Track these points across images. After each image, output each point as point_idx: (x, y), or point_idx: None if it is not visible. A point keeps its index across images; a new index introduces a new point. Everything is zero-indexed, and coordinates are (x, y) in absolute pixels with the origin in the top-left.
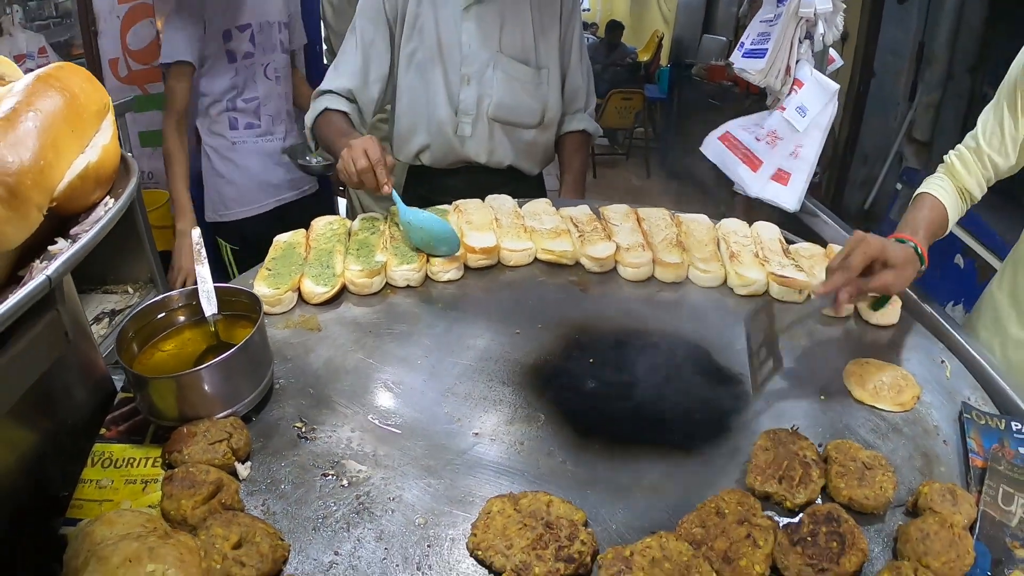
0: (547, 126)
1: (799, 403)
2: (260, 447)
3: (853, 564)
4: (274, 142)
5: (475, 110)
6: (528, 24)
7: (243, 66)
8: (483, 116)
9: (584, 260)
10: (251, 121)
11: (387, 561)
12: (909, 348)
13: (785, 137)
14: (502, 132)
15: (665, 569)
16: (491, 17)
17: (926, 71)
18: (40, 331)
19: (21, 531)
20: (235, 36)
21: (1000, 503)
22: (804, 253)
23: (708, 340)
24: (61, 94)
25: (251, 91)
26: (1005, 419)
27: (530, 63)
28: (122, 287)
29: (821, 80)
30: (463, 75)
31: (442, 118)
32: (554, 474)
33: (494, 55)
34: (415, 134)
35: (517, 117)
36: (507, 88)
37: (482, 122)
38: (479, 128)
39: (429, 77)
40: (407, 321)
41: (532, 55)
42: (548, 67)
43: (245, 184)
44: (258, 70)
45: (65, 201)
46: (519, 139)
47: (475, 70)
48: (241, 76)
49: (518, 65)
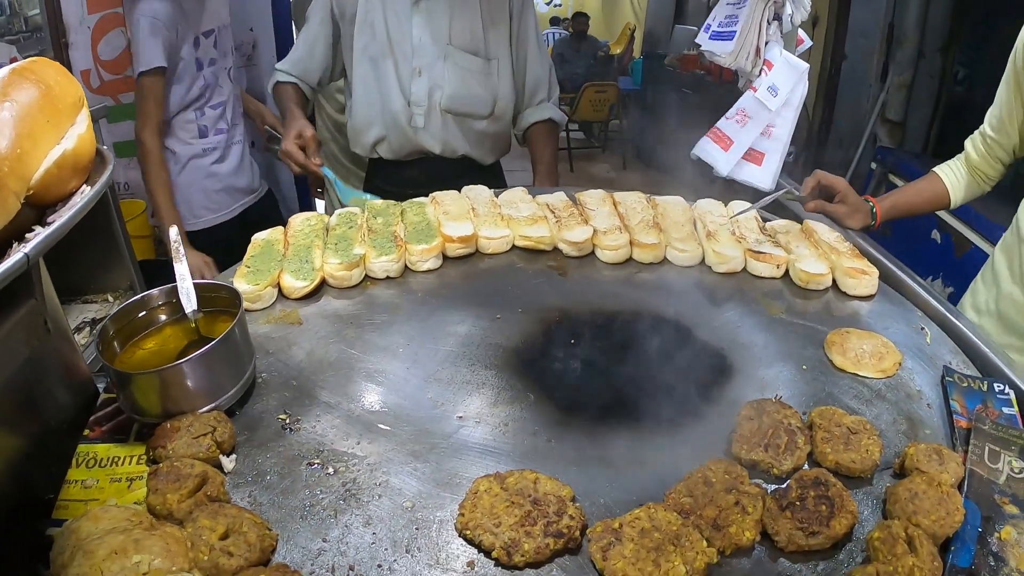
0: (498, 116)
1: (781, 374)
2: (245, 440)
3: (843, 526)
4: (239, 143)
5: (427, 102)
6: (477, 16)
7: (210, 72)
8: (435, 107)
9: (562, 245)
10: (220, 126)
11: (376, 546)
12: (888, 317)
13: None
14: (454, 123)
15: (655, 539)
16: (440, 9)
17: (897, 52)
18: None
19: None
20: (202, 43)
21: (987, 461)
22: (781, 229)
23: (688, 317)
24: (36, 86)
25: (218, 96)
26: (987, 381)
27: (479, 54)
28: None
29: (791, 60)
30: (414, 67)
31: (396, 110)
32: (540, 453)
33: (444, 47)
34: (371, 127)
35: (469, 108)
36: (459, 79)
37: (435, 113)
38: (432, 119)
39: (381, 70)
40: (388, 311)
41: (482, 46)
42: (498, 58)
43: (216, 190)
44: (222, 74)
45: (42, 189)
46: (471, 129)
47: (426, 62)
48: (209, 82)
49: (468, 56)
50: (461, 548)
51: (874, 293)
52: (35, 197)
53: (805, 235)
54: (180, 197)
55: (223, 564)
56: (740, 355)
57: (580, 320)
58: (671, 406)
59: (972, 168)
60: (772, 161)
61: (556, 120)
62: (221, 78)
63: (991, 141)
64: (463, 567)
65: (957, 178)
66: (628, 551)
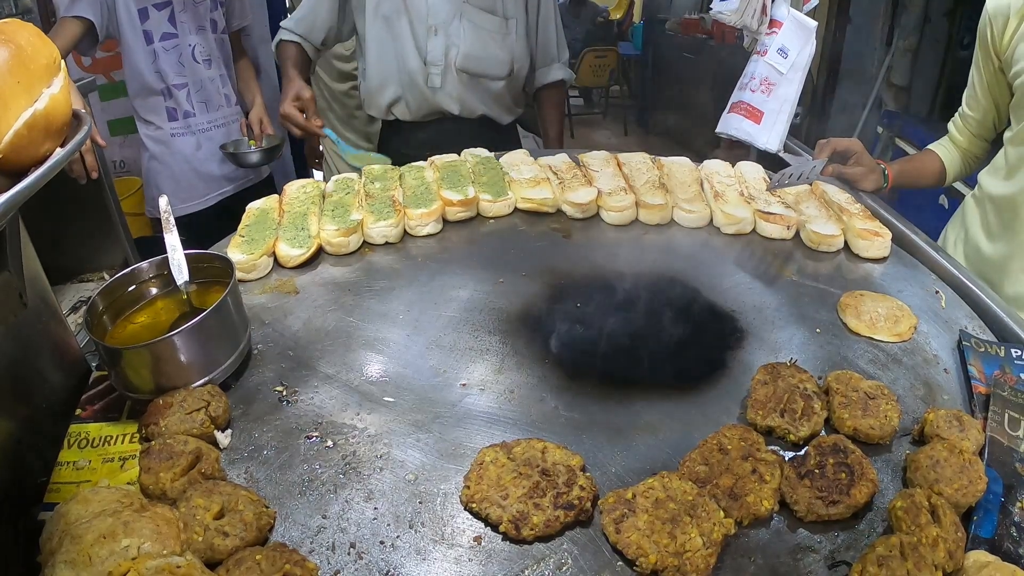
0: (515, 77)
1: (794, 337)
2: (240, 414)
3: (864, 495)
4: (212, 131)
5: (443, 60)
6: None
7: (162, 48)
8: (451, 67)
9: (566, 207)
10: (187, 110)
11: (377, 521)
12: (901, 280)
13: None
14: (470, 82)
15: (670, 509)
16: None
17: (902, 16)
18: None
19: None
20: (151, 15)
21: (1007, 428)
22: (789, 191)
23: (697, 279)
24: (6, 46)
25: (178, 76)
26: (1004, 346)
27: (496, 12)
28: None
29: (799, 19)
30: (430, 26)
31: (412, 69)
32: (547, 421)
33: (461, 5)
34: (386, 87)
35: (484, 68)
36: (475, 38)
37: (451, 72)
38: (448, 78)
39: (396, 29)
40: (387, 277)
41: (499, 4)
42: (516, 17)
43: (185, 177)
44: (184, 52)
45: (12, 152)
46: (487, 89)
47: (442, 20)
48: (164, 60)
49: (485, 15)
50: (467, 522)
51: (887, 255)
52: (6, 162)
53: (815, 196)
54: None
55: (218, 545)
56: (752, 318)
57: (586, 284)
58: (682, 370)
59: (960, 149)
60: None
61: (566, 80)
62: (183, 56)
63: (970, 120)
64: (469, 542)
65: (951, 157)
66: (642, 523)
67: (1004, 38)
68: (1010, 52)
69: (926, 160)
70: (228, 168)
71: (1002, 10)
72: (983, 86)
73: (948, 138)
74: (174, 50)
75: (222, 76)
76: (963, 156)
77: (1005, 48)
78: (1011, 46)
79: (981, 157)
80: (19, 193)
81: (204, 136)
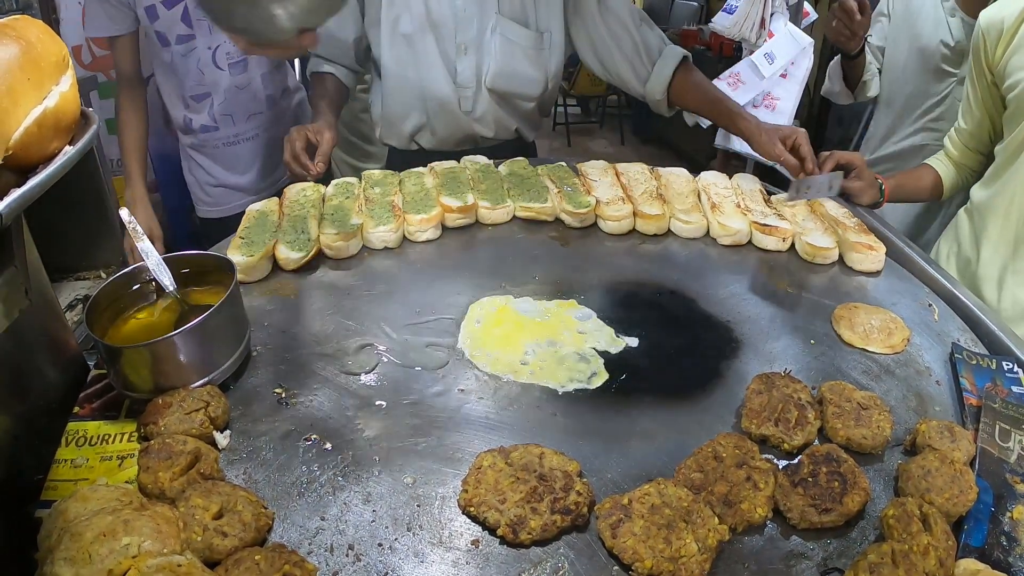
0: (549, 94)
1: (789, 348)
2: (239, 415)
3: (856, 503)
4: (239, 145)
5: (474, 82)
6: None
7: (179, 52)
8: (482, 87)
9: (564, 215)
10: (205, 124)
11: (376, 524)
12: (895, 293)
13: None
14: (500, 102)
15: (665, 515)
16: None
17: None
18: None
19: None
20: (161, 13)
21: (997, 440)
22: (786, 203)
23: (693, 289)
24: (17, 43)
25: (195, 81)
26: (996, 359)
27: (530, 25)
28: (95, 273)
29: (794, 32)
30: (459, 44)
31: (442, 94)
32: (545, 427)
33: (494, 16)
34: (409, 115)
35: (515, 87)
36: (506, 54)
37: (482, 93)
38: (479, 101)
39: (420, 49)
40: (386, 282)
41: (532, 15)
42: (551, 31)
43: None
44: (202, 57)
45: (22, 149)
46: (518, 108)
47: (472, 36)
48: (182, 63)
49: (518, 27)
50: (465, 525)
51: (880, 269)
52: (15, 159)
53: (811, 208)
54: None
55: (217, 544)
56: (747, 328)
57: (583, 292)
58: (678, 379)
59: (954, 163)
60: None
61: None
62: (202, 60)
63: (965, 133)
64: (467, 545)
65: (947, 171)
66: (638, 528)
67: (997, 52)
68: (1003, 65)
69: (922, 174)
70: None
71: (995, 24)
72: (977, 99)
73: (944, 152)
74: (191, 55)
75: (264, 76)
76: (959, 169)
77: (998, 62)
78: (1004, 60)
79: (977, 170)
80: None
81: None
